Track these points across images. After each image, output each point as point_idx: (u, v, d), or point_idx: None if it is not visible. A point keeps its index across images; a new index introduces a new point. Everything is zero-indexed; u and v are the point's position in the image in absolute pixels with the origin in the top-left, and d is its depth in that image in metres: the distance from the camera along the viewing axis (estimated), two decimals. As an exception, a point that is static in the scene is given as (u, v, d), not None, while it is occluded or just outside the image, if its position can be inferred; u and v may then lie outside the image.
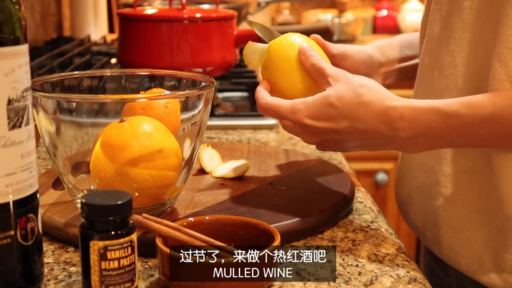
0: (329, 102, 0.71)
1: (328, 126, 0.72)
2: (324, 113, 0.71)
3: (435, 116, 0.68)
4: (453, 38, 0.77)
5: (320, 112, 0.72)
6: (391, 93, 0.71)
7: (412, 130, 0.69)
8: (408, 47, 0.94)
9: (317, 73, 0.75)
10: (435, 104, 0.69)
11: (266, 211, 0.75)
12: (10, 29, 0.54)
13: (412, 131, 0.69)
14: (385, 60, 0.92)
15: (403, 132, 0.69)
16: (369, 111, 0.70)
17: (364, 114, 0.70)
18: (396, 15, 2.91)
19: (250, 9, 1.94)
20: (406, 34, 0.98)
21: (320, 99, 0.72)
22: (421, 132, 0.69)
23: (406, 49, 0.94)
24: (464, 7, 0.75)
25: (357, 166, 1.94)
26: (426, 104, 0.69)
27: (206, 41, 1.21)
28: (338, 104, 0.71)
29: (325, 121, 0.72)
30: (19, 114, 0.54)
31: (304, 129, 0.74)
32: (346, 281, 0.63)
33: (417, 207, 0.87)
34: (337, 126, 0.71)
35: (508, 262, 0.73)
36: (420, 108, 0.69)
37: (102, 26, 2.28)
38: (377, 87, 0.71)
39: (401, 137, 0.70)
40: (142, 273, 0.64)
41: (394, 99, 0.70)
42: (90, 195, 0.58)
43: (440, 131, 0.69)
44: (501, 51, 0.70)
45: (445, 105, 0.68)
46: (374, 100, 0.70)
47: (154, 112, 0.71)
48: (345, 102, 0.71)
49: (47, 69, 1.42)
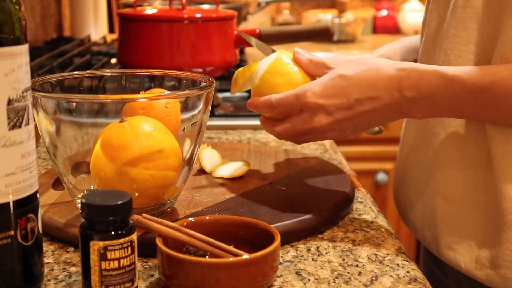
0: (338, 74, 0.72)
1: (339, 102, 0.72)
2: (335, 87, 0.72)
3: (438, 79, 0.70)
4: (446, 36, 0.78)
5: (331, 87, 0.72)
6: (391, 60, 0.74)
7: (417, 91, 0.71)
8: (411, 51, 0.95)
9: (316, 65, 0.76)
10: (440, 68, 0.71)
11: (266, 211, 0.75)
12: (10, 29, 0.54)
13: (417, 92, 0.71)
14: None
15: (408, 92, 0.71)
16: (378, 74, 0.71)
17: (373, 79, 0.71)
18: (396, 15, 2.91)
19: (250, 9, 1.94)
20: (407, 38, 0.99)
21: (328, 75, 0.73)
22: (425, 94, 0.71)
23: (409, 54, 0.95)
24: (458, 6, 0.76)
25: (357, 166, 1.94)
26: (432, 67, 0.71)
27: (206, 41, 1.22)
28: (348, 74, 0.72)
29: (335, 96, 0.72)
30: (19, 114, 0.54)
31: (314, 111, 0.73)
32: (346, 281, 0.63)
33: (415, 206, 0.87)
34: (349, 100, 0.72)
35: (506, 258, 0.73)
36: (425, 70, 0.71)
37: (102, 26, 2.28)
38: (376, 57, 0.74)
39: (407, 97, 0.71)
40: (142, 273, 0.64)
41: (400, 62, 0.72)
42: (90, 195, 0.58)
43: (442, 95, 0.70)
44: (503, 50, 0.71)
45: (449, 70, 0.70)
46: (381, 64, 0.72)
47: (154, 112, 0.71)
48: (354, 70, 0.72)
49: (47, 69, 1.42)
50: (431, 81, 0.70)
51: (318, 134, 0.77)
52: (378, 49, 0.96)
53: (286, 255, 0.69)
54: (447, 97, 0.71)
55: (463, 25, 0.76)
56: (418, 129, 0.86)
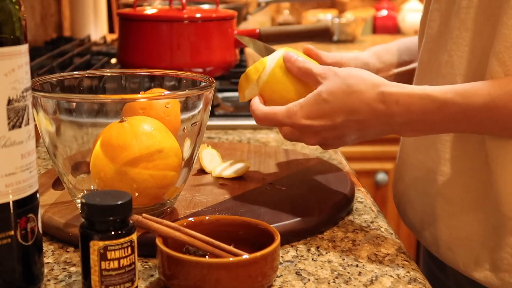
0: (322, 98, 0.72)
1: (325, 124, 0.72)
2: (319, 110, 0.72)
3: (430, 104, 0.69)
4: (450, 37, 0.77)
5: (315, 110, 0.72)
6: (380, 78, 0.72)
7: (407, 115, 0.70)
8: (406, 52, 0.95)
9: (305, 74, 0.76)
10: (430, 91, 0.69)
11: (266, 211, 0.75)
12: (10, 29, 0.54)
13: (407, 116, 0.70)
14: (382, 66, 0.93)
15: (399, 117, 0.70)
16: (362, 99, 0.71)
17: (358, 103, 0.71)
18: (396, 15, 2.91)
19: (250, 9, 1.94)
20: (404, 39, 0.99)
21: (312, 97, 0.73)
22: (416, 118, 0.70)
23: (403, 54, 0.94)
24: (462, 6, 0.76)
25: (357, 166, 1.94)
26: (422, 90, 0.70)
27: (206, 41, 1.21)
28: (330, 98, 0.72)
29: (321, 118, 0.72)
30: (19, 114, 0.54)
31: (303, 130, 0.75)
32: (346, 281, 0.63)
33: (414, 206, 0.87)
34: (334, 122, 0.72)
35: (505, 261, 0.73)
36: (415, 94, 0.69)
37: (102, 26, 2.28)
38: (365, 75, 0.73)
39: (397, 122, 0.70)
40: (142, 273, 0.64)
41: (386, 84, 0.71)
42: (90, 195, 0.58)
43: (435, 118, 0.70)
44: (499, 49, 0.70)
45: (440, 93, 0.69)
46: (365, 89, 0.71)
47: (154, 112, 0.71)
48: (337, 95, 0.72)
49: (47, 69, 1.42)
50: (422, 106, 0.69)
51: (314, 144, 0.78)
52: (373, 47, 0.96)
53: (286, 255, 0.69)
54: (440, 119, 0.70)
55: (466, 26, 0.75)
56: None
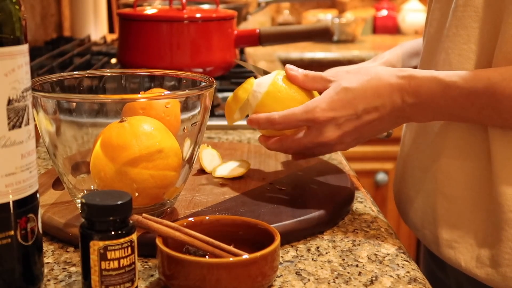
0: (342, 87, 0.73)
1: (347, 113, 0.73)
2: (341, 100, 0.73)
3: (436, 86, 0.71)
4: (447, 35, 0.78)
5: (337, 100, 0.73)
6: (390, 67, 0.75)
7: (417, 97, 0.72)
8: (414, 57, 0.95)
9: (314, 79, 0.77)
10: (438, 74, 0.72)
11: (266, 211, 0.75)
12: (10, 29, 0.54)
13: (417, 98, 0.72)
14: None
15: (409, 98, 0.72)
16: (381, 83, 0.72)
17: (377, 88, 0.72)
18: (396, 15, 2.91)
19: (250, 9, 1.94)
20: (410, 42, 0.99)
21: (332, 89, 0.74)
22: (424, 100, 0.72)
23: (411, 59, 0.95)
24: (459, 4, 0.76)
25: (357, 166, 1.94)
26: (430, 73, 0.72)
27: (206, 41, 1.21)
28: (351, 85, 0.73)
29: (343, 108, 0.73)
30: (19, 114, 0.54)
31: (324, 125, 0.74)
32: (346, 281, 0.63)
33: (415, 205, 0.87)
34: (356, 110, 0.73)
35: (506, 256, 0.73)
36: (424, 77, 0.72)
37: (102, 26, 2.28)
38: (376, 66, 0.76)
39: (409, 103, 0.72)
40: (142, 273, 0.64)
41: (400, 70, 0.73)
42: (90, 195, 0.58)
43: (441, 100, 0.72)
44: (506, 50, 0.71)
45: (446, 76, 0.71)
46: (382, 73, 0.73)
47: (154, 112, 0.71)
48: (358, 82, 0.73)
49: (47, 69, 1.42)
50: (429, 87, 0.71)
51: (327, 148, 0.78)
52: (381, 56, 0.96)
53: (286, 255, 0.69)
54: (446, 102, 0.72)
55: (463, 24, 0.76)
56: (418, 128, 0.86)
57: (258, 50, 2.27)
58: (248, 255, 0.59)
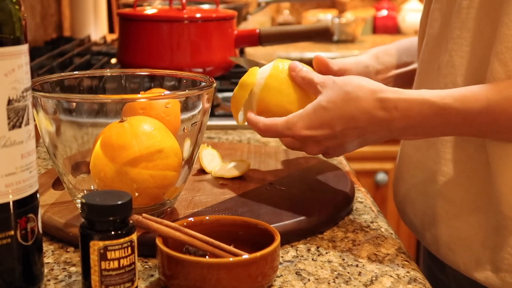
0: (321, 106, 0.73)
1: (325, 133, 0.73)
2: (319, 119, 0.73)
3: (428, 109, 0.69)
4: (451, 37, 0.77)
5: (315, 120, 0.73)
6: (378, 84, 0.72)
7: (407, 121, 0.70)
8: (406, 53, 0.95)
9: (307, 84, 0.78)
10: (429, 96, 0.69)
11: (266, 211, 0.75)
12: (10, 29, 0.54)
13: (406, 121, 0.70)
14: (382, 68, 0.93)
15: (398, 123, 0.70)
16: (360, 106, 0.71)
17: (356, 110, 0.71)
18: (396, 15, 2.91)
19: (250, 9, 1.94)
20: (404, 40, 0.99)
21: (312, 107, 0.74)
22: (415, 123, 0.70)
23: (403, 55, 0.95)
24: (463, 6, 0.76)
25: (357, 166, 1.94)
26: (420, 96, 0.70)
27: (206, 41, 1.21)
28: (329, 106, 0.72)
29: (321, 128, 0.73)
30: (19, 114, 0.54)
31: (304, 141, 0.75)
32: (346, 281, 0.63)
33: (415, 206, 0.87)
34: (334, 130, 0.72)
35: (506, 261, 0.73)
36: (413, 100, 0.69)
37: (102, 26, 2.28)
38: (363, 82, 0.72)
39: (397, 127, 0.71)
40: (142, 273, 0.64)
41: (385, 90, 0.71)
42: (90, 195, 0.58)
43: (434, 123, 0.70)
44: (500, 50, 0.70)
45: (438, 98, 0.69)
46: (362, 95, 0.71)
47: (154, 112, 0.71)
48: (336, 102, 0.72)
49: (47, 69, 1.42)
50: (421, 112, 0.69)
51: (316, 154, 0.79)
52: (373, 49, 0.97)
53: (286, 255, 0.69)
54: (440, 124, 0.70)
55: (467, 26, 0.75)
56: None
57: (258, 50, 2.27)
58: (248, 255, 0.59)
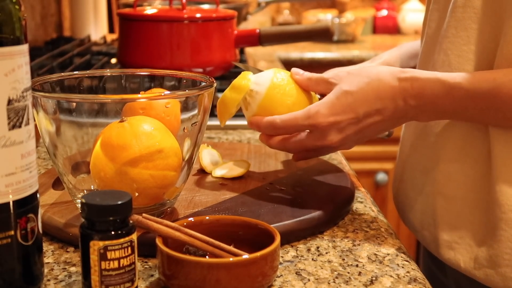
0: (343, 91, 0.73)
1: (349, 117, 0.73)
2: (342, 104, 0.73)
3: (440, 87, 0.71)
4: (446, 36, 0.78)
5: (338, 105, 0.73)
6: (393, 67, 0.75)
7: (421, 99, 0.72)
8: (412, 58, 0.95)
9: (317, 82, 0.77)
10: (441, 76, 0.72)
11: (266, 211, 0.75)
12: (10, 29, 0.54)
13: (420, 100, 0.72)
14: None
15: (412, 101, 0.72)
16: (381, 85, 0.72)
17: (377, 91, 0.72)
18: (396, 15, 2.91)
19: (250, 9, 1.94)
20: (409, 44, 0.99)
21: (333, 93, 0.74)
22: (428, 102, 0.72)
23: (410, 60, 0.95)
24: (458, 5, 0.76)
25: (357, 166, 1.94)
26: (433, 75, 0.72)
27: (206, 41, 1.22)
28: (352, 89, 0.73)
29: (344, 112, 0.73)
30: (19, 114, 0.54)
31: (326, 130, 0.74)
32: (346, 281, 0.63)
33: (414, 206, 0.87)
34: (357, 114, 0.73)
35: (505, 256, 0.74)
36: (427, 79, 0.72)
37: (102, 26, 2.28)
38: (379, 67, 0.75)
39: (412, 106, 0.72)
40: (142, 273, 0.64)
41: (401, 71, 0.73)
42: (90, 195, 0.58)
43: (445, 102, 0.72)
44: (507, 52, 0.71)
45: (449, 77, 0.71)
46: (383, 74, 0.73)
47: (154, 112, 0.71)
48: (358, 85, 0.73)
49: (47, 69, 1.42)
50: (433, 89, 0.71)
51: (328, 150, 0.79)
52: (379, 57, 0.97)
53: (286, 255, 0.69)
54: (450, 103, 0.72)
55: (463, 25, 0.76)
56: (417, 129, 0.86)
57: (258, 50, 2.27)
58: (248, 255, 0.59)
